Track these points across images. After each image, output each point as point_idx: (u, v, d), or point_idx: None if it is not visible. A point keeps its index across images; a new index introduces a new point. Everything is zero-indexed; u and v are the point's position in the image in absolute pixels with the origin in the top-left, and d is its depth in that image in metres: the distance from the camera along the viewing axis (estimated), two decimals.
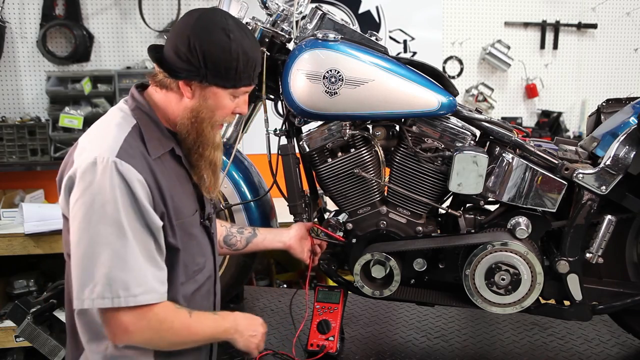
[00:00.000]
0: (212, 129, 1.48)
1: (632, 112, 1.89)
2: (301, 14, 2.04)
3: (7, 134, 3.80)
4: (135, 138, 1.40)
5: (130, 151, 1.36)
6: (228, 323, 1.56)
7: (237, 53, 1.41)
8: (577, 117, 4.77)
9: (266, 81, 1.97)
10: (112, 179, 1.31)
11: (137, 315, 1.35)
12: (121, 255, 1.32)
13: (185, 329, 1.44)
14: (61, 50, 4.03)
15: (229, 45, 1.39)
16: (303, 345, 2.00)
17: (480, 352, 2.07)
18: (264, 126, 2.03)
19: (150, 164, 1.39)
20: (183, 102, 1.45)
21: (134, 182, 1.33)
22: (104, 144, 1.36)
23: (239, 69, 1.42)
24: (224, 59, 1.40)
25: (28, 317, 1.84)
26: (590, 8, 4.64)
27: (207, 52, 1.38)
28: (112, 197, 1.31)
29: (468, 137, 1.94)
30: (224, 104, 1.46)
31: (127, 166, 1.33)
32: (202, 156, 1.49)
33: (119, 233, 1.31)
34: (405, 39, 4.49)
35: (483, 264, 1.86)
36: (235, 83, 1.44)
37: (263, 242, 1.97)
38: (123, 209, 1.32)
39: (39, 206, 3.07)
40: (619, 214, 1.89)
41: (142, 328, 1.37)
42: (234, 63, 1.41)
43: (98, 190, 1.31)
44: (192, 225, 1.52)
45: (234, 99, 1.48)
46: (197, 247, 1.54)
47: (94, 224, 1.31)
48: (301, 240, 1.97)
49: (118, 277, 1.31)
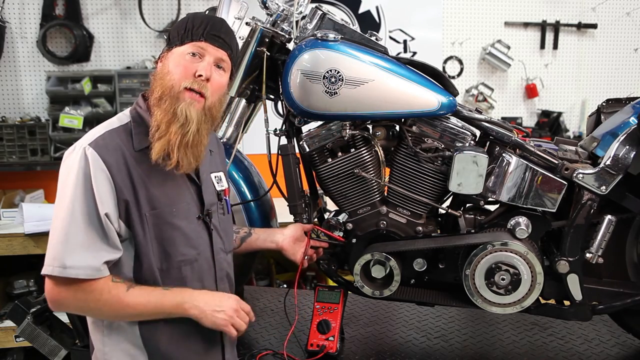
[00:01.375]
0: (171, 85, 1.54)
1: (632, 112, 1.89)
2: (301, 14, 2.04)
3: (7, 134, 3.81)
4: (119, 132, 1.55)
5: (105, 142, 1.51)
6: (181, 298, 1.53)
7: (189, 18, 1.61)
8: (577, 117, 4.77)
9: (266, 81, 1.97)
10: (79, 163, 1.47)
11: (65, 287, 1.48)
12: (65, 231, 1.46)
13: (117, 302, 1.50)
14: (61, 50, 4.03)
15: (186, 17, 1.63)
16: (303, 345, 2.00)
17: (480, 352, 2.07)
18: (264, 126, 2.02)
19: (125, 155, 1.52)
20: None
21: (96, 169, 1.47)
22: (89, 135, 1.53)
23: (188, 27, 1.58)
24: (178, 25, 1.61)
25: (28, 317, 1.84)
26: (590, 8, 4.64)
27: (170, 30, 1.64)
28: (73, 180, 1.47)
29: (468, 137, 1.94)
30: (180, 61, 1.56)
31: (94, 154, 1.48)
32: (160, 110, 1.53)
33: (69, 211, 1.47)
34: (405, 39, 4.49)
35: (483, 264, 1.86)
36: (184, 39, 1.58)
37: (256, 241, 1.98)
38: (79, 191, 1.47)
39: (39, 206, 3.07)
40: (619, 214, 1.89)
41: (68, 298, 1.49)
42: (183, 24, 1.59)
43: (67, 171, 1.50)
44: (174, 216, 1.58)
45: (192, 58, 1.57)
46: (182, 237, 1.58)
47: (57, 201, 1.50)
48: (295, 242, 1.97)
49: (57, 249, 1.46)
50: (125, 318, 1.55)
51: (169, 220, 1.56)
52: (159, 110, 1.53)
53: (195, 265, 1.61)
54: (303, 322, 2.19)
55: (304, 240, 1.99)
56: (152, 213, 1.54)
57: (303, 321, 2.19)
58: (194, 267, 1.61)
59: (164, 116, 1.52)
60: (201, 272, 1.63)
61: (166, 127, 1.51)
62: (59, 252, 1.46)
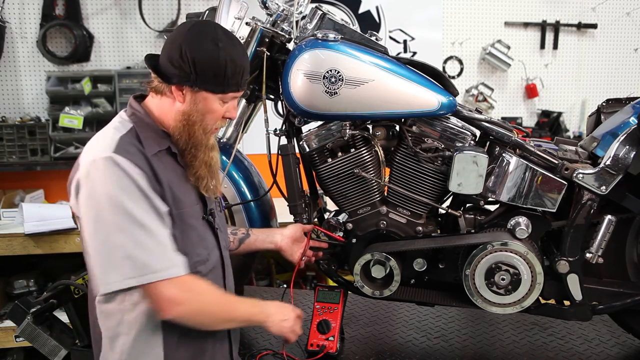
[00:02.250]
0: (203, 132, 1.57)
1: (632, 112, 1.89)
2: (301, 14, 2.04)
3: (7, 134, 3.80)
4: (131, 137, 1.51)
5: (126, 147, 1.47)
6: (258, 308, 1.65)
7: (225, 60, 1.50)
8: (577, 117, 4.77)
9: (266, 81, 1.97)
10: (112, 172, 1.42)
11: (179, 287, 1.46)
12: (137, 238, 1.42)
13: (224, 304, 1.56)
14: (61, 50, 4.03)
15: (217, 52, 1.49)
16: (303, 345, 2.00)
17: (480, 352, 2.07)
18: (264, 126, 2.03)
19: (147, 157, 1.49)
20: (176, 106, 1.55)
21: (133, 173, 1.43)
22: (103, 144, 1.48)
23: (227, 75, 1.51)
24: (213, 66, 1.50)
25: (28, 317, 1.84)
26: (590, 8, 4.64)
27: (197, 59, 1.48)
28: (115, 189, 1.41)
29: (468, 137, 1.94)
30: (213, 108, 1.55)
31: (124, 159, 1.43)
32: (196, 157, 1.58)
33: (130, 219, 1.41)
34: (405, 39, 4.48)
35: (483, 264, 1.86)
36: (224, 88, 1.53)
37: (255, 242, 1.98)
38: (128, 197, 1.41)
39: (39, 206, 3.07)
40: (619, 214, 1.89)
41: (187, 298, 1.47)
42: (222, 70, 1.50)
43: (103, 184, 1.42)
44: (192, 216, 1.59)
45: (223, 104, 1.57)
46: (198, 238, 1.60)
47: (105, 217, 1.41)
48: (294, 242, 1.98)
49: (139, 257, 1.41)
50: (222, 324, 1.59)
51: (188, 220, 1.57)
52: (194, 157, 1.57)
53: (207, 264, 1.63)
54: (303, 322, 2.18)
55: (303, 241, 1.99)
56: (177, 213, 1.54)
57: (303, 321, 2.19)
58: (207, 267, 1.62)
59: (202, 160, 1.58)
60: (212, 271, 1.65)
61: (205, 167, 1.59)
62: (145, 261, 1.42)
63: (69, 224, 2.86)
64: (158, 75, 1.54)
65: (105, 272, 1.43)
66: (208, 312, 1.53)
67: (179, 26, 1.58)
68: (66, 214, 2.92)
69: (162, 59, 1.54)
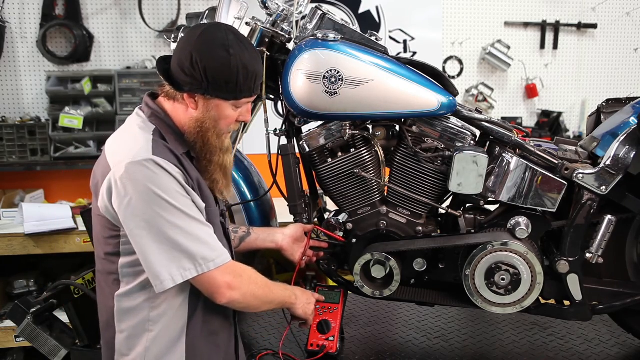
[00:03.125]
0: (217, 137, 1.59)
1: (632, 112, 1.89)
2: (301, 14, 2.04)
3: (7, 134, 3.80)
4: (159, 139, 1.54)
5: (161, 149, 1.50)
6: (289, 291, 1.79)
7: (237, 67, 1.50)
8: (577, 117, 4.77)
9: (266, 81, 1.97)
10: (157, 172, 1.45)
11: (232, 273, 1.54)
12: (190, 232, 1.48)
13: (267, 287, 1.65)
14: (61, 50, 4.03)
15: (228, 60, 1.49)
16: (303, 345, 2.00)
17: (480, 352, 2.07)
18: (264, 126, 2.02)
19: (179, 158, 1.53)
20: (189, 113, 1.57)
21: (174, 173, 1.48)
22: (137, 145, 1.49)
23: (239, 82, 1.52)
24: (225, 73, 1.50)
25: (28, 317, 1.84)
26: (590, 8, 4.64)
27: (208, 67, 1.49)
28: (162, 188, 1.45)
29: (468, 137, 1.94)
30: (226, 114, 1.57)
31: (164, 161, 1.47)
32: (211, 162, 1.61)
33: (181, 215, 1.47)
34: (405, 39, 4.49)
35: (483, 264, 1.86)
36: (237, 95, 1.55)
37: (255, 241, 1.99)
38: (174, 194, 1.46)
39: (39, 206, 3.08)
40: (619, 214, 1.89)
41: (241, 283, 1.56)
42: (234, 77, 1.51)
43: (147, 185, 1.44)
44: (215, 215, 1.64)
45: (236, 109, 1.59)
46: (220, 237, 1.63)
47: (154, 215, 1.45)
48: (295, 242, 1.98)
49: (195, 249, 1.48)
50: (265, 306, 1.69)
51: (212, 219, 1.60)
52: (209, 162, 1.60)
53: None
54: None
55: (303, 240, 1.99)
56: (207, 211, 1.58)
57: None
58: None
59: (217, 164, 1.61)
60: None
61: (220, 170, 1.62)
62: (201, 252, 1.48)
63: (69, 224, 2.86)
64: (170, 83, 1.55)
65: (163, 268, 1.46)
66: (256, 295, 1.61)
67: (190, 31, 1.57)
68: (66, 214, 2.92)
69: (173, 65, 1.55)
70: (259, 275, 1.64)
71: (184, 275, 1.48)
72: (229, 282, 1.52)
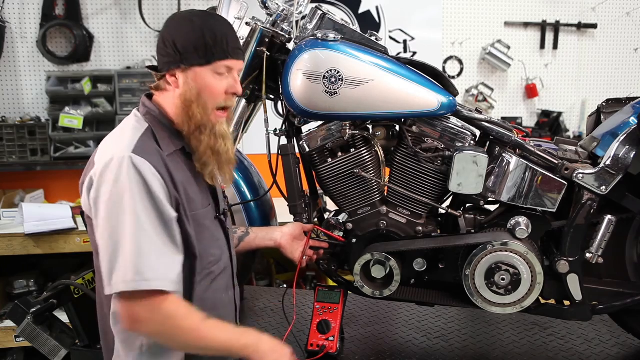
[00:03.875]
0: (204, 111, 1.54)
1: (632, 112, 1.89)
2: (301, 14, 2.04)
3: (7, 134, 3.80)
4: (149, 137, 1.51)
5: (145, 148, 1.47)
6: (249, 340, 1.53)
7: (202, 31, 1.50)
8: (577, 117, 4.77)
9: (266, 81, 1.97)
10: (129, 172, 1.41)
11: (148, 306, 1.41)
12: (138, 242, 1.40)
13: (194, 332, 1.45)
14: (61, 50, 4.03)
15: (192, 26, 1.51)
16: (303, 345, 2.00)
17: (480, 352, 2.07)
18: (264, 126, 2.02)
19: (164, 159, 1.49)
20: (175, 95, 1.55)
21: (149, 175, 1.43)
22: (121, 144, 1.47)
23: (208, 44, 1.50)
24: (191, 39, 1.50)
25: (28, 317, 1.84)
26: (590, 8, 4.64)
27: (176, 39, 1.50)
28: (129, 189, 1.41)
29: (468, 137, 1.94)
30: (207, 83, 1.53)
31: (142, 160, 1.43)
32: (201, 142, 1.55)
33: (136, 222, 1.40)
34: (405, 39, 4.49)
35: (483, 264, 1.86)
36: (209, 58, 1.51)
37: (254, 240, 1.98)
38: (139, 199, 1.41)
39: (39, 206, 3.08)
40: (619, 214, 1.89)
41: (151, 320, 1.43)
42: (201, 40, 1.50)
43: (117, 183, 1.41)
44: (205, 217, 1.59)
45: (219, 77, 1.54)
46: (211, 239, 1.61)
47: (114, 215, 1.41)
48: (294, 240, 1.97)
49: (135, 262, 1.39)
50: (193, 350, 1.51)
51: (202, 221, 1.57)
52: (198, 141, 1.55)
53: (220, 264, 1.64)
54: (303, 322, 2.19)
55: (303, 239, 1.99)
56: (192, 215, 1.54)
57: (303, 321, 2.19)
58: (219, 266, 1.63)
59: (207, 144, 1.55)
60: (224, 270, 1.66)
61: (212, 154, 1.56)
62: (135, 266, 1.38)
63: (69, 224, 2.86)
64: (153, 71, 1.57)
65: (109, 272, 1.41)
66: (172, 339, 1.47)
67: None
68: (66, 214, 2.92)
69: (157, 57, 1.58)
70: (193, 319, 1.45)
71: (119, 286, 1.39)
72: (138, 314, 1.41)
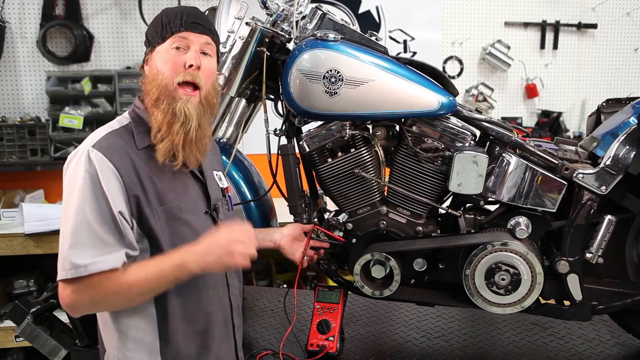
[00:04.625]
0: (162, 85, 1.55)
1: (632, 112, 1.89)
2: (301, 14, 2.04)
3: (7, 134, 3.80)
4: (122, 132, 1.56)
5: (108, 142, 1.51)
6: (177, 258, 1.48)
7: (161, 14, 1.61)
8: (577, 117, 4.77)
9: (266, 81, 1.97)
10: (84, 165, 1.47)
11: (71, 288, 1.46)
12: (76, 233, 1.45)
13: (119, 286, 1.46)
14: (61, 50, 4.03)
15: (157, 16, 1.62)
16: (303, 345, 2.00)
17: (480, 352, 2.07)
18: (264, 126, 2.02)
19: (130, 154, 1.52)
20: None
21: (103, 168, 1.47)
22: (89, 139, 1.53)
23: (164, 23, 1.58)
24: (153, 24, 1.61)
25: (28, 317, 1.84)
26: (590, 8, 4.64)
27: (147, 31, 1.63)
28: (80, 181, 1.46)
29: (468, 137, 1.94)
30: (165, 58, 1.57)
31: (99, 155, 1.47)
32: (156, 116, 1.55)
33: (77, 214, 1.45)
34: (405, 39, 4.49)
35: (483, 264, 1.86)
36: (164, 34, 1.58)
37: None
38: (86, 193, 1.46)
39: (39, 206, 3.07)
40: (619, 214, 1.89)
41: (77, 299, 1.47)
42: (159, 22, 1.59)
43: (72, 175, 1.49)
44: (183, 211, 1.59)
45: (176, 51, 1.58)
46: (191, 232, 1.58)
47: (65, 205, 1.48)
48: (294, 241, 1.97)
49: (69, 252, 1.44)
50: (136, 300, 1.50)
51: (178, 215, 1.57)
52: (158, 111, 1.54)
53: None
54: (303, 322, 2.19)
55: (302, 240, 1.98)
56: (162, 209, 1.54)
57: (303, 321, 2.19)
58: None
59: (164, 117, 1.53)
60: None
61: (168, 128, 1.53)
62: (70, 255, 1.43)
63: None
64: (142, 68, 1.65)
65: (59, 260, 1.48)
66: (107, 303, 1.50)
67: None
68: None
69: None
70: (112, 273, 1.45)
71: (60, 275, 1.45)
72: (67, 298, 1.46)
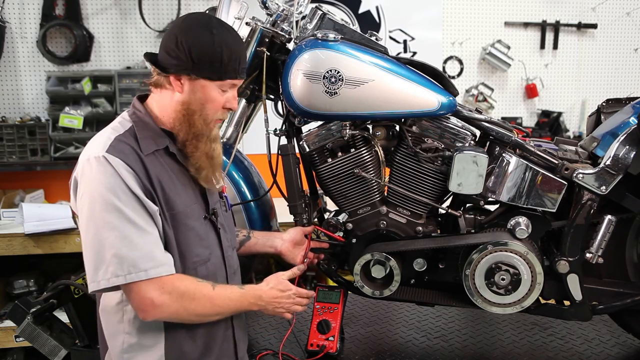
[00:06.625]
0: (204, 122, 1.57)
1: (632, 112, 1.89)
2: (301, 14, 2.04)
3: (7, 134, 3.80)
4: (127, 137, 1.53)
5: (120, 147, 1.49)
6: (252, 298, 1.65)
7: (221, 47, 1.51)
8: (577, 117, 4.77)
9: (266, 81, 1.97)
10: (105, 171, 1.44)
11: (159, 289, 1.46)
12: (126, 236, 1.43)
13: (208, 301, 1.54)
14: (61, 50, 4.03)
15: (212, 39, 1.51)
16: (303, 345, 2.00)
17: (480, 352, 2.07)
18: (264, 126, 2.02)
19: (141, 158, 1.51)
20: (175, 98, 1.56)
21: (124, 172, 1.45)
22: (98, 144, 1.50)
23: (223, 61, 1.52)
24: (209, 53, 1.51)
25: (28, 317, 1.84)
26: (590, 8, 4.64)
27: (192, 46, 1.50)
28: (108, 187, 1.44)
29: (468, 137, 1.94)
30: (212, 97, 1.56)
31: (116, 159, 1.46)
32: (197, 148, 1.58)
33: (120, 217, 1.43)
34: (405, 39, 4.49)
35: (483, 264, 1.86)
36: (221, 75, 1.54)
37: (255, 245, 1.98)
38: (120, 195, 1.44)
39: (39, 206, 3.07)
40: (619, 214, 1.89)
41: (166, 301, 1.47)
42: (218, 56, 1.51)
43: (95, 182, 1.44)
44: (188, 217, 1.59)
45: (222, 92, 1.57)
46: (196, 238, 1.59)
47: (97, 213, 1.44)
48: (294, 246, 1.98)
49: (127, 255, 1.43)
50: (208, 318, 1.58)
51: (183, 221, 1.57)
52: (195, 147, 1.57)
53: (208, 265, 1.63)
54: (303, 322, 2.19)
55: (303, 244, 1.99)
56: (170, 214, 1.54)
57: (303, 321, 2.19)
58: (208, 267, 1.63)
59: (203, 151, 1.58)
60: (214, 271, 1.65)
61: (206, 158, 1.59)
62: (133, 260, 1.43)
63: (69, 224, 2.86)
64: (157, 67, 1.55)
65: (94, 270, 1.44)
66: (192, 312, 1.52)
67: (175, 20, 1.61)
68: (66, 214, 2.92)
69: (160, 52, 1.56)
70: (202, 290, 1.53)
71: (110, 281, 1.43)
72: (152, 299, 1.46)
